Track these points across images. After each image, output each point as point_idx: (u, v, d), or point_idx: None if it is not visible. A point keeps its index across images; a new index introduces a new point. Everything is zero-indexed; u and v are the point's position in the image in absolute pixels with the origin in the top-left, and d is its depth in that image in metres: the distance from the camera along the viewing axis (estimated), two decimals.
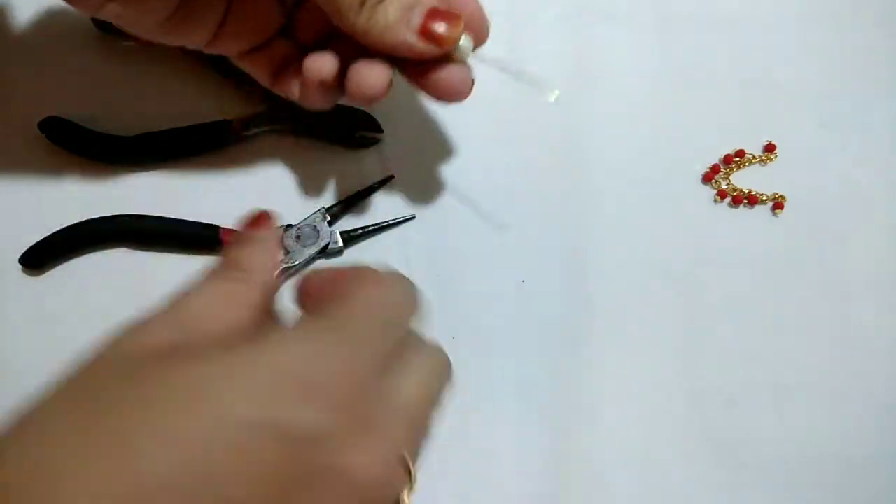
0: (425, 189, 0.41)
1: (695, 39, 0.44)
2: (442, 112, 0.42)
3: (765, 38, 0.44)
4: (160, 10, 0.31)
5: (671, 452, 0.38)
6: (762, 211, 0.41)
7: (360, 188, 0.41)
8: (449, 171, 0.41)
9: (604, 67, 0.44)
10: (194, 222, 0.39)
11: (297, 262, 0.39)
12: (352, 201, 0.41)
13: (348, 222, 0.41)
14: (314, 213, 0.40)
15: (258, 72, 0.35)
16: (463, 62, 0.31)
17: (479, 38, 0.32)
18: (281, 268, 0.39)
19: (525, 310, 0.39)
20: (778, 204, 0.41)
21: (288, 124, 0.40)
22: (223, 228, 0.39)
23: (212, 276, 0.24)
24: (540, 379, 0.38)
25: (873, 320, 0.40)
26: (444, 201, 0.41)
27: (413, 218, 0.41)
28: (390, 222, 0.40)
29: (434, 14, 0.29)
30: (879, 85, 0.43)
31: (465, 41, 0.30)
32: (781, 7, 0.45)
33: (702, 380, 0.39)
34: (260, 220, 0.27)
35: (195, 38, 0.33)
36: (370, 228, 0.40)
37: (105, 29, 0.41)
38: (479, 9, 0.32)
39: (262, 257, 0.25)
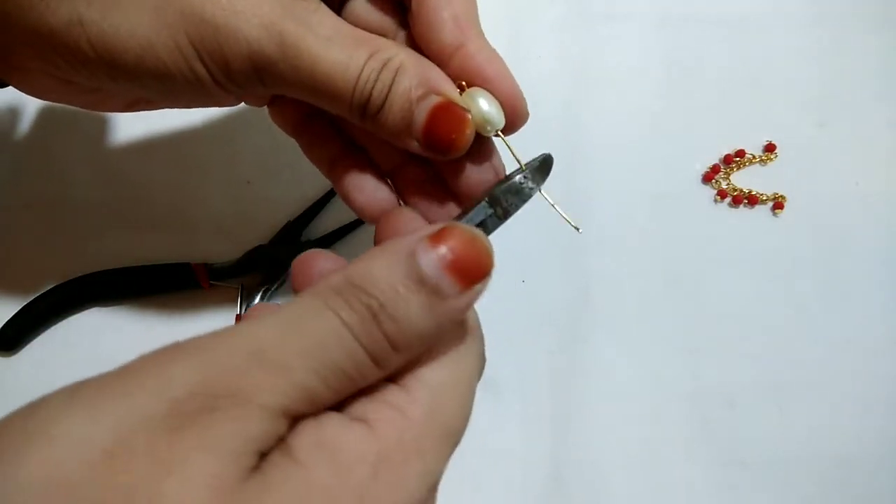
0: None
1: (695, 39, 0.44)
2: None
3: (765, 38, 0.44)
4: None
5: (671, 452, 0.38)
6: (762, 211, 0.41)
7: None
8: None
9: (604, 67, 0.44)
10: (164, 265, 0.39)
11: (275, 281, 0.39)
12: (318, 207, 0.40)
13: (324, 226, 0.41)
14: (282, 228, 0.40)
15: (284, 124, 0.30)
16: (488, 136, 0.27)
17: (514, 120, 0.28)
18: (263, 289, 0.39)
19: (525, 309, 0.39)
20: (778, 204, 0.41)
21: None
22: (194, 265, 0.39)
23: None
24: (540, 379, 0.38)
25: (873, 320, 0.40)
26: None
27: None
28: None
29: (439, 114, 0.25)
30: (879, 85, 0.43)
31: (494, 114, 0.26)
32: (781, 7, 0.45)
33: (702, 380, 0.39)
34: (474, 263, 0.19)
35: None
36: (342, 228, 0.40)
37: None
38: (511, 86, 0.27)
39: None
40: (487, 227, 0.26)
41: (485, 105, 0.26)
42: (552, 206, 0.27)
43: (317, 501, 0.16)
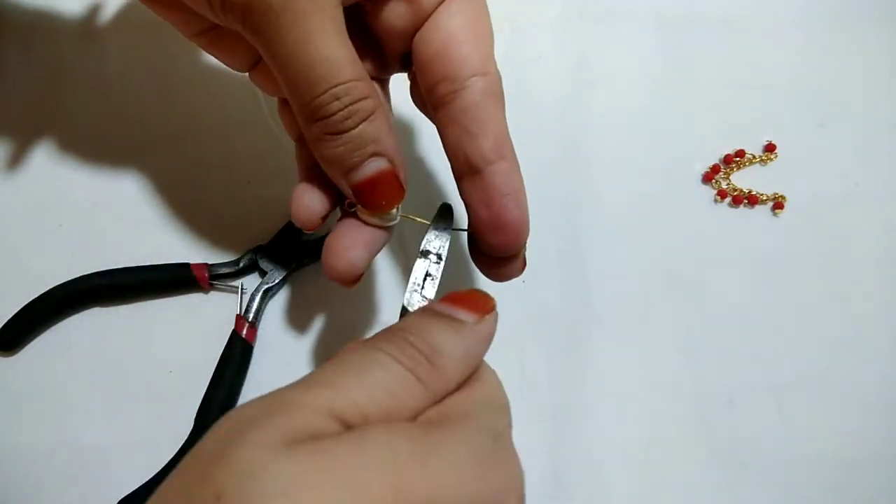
0: (426, 189, 0.41)
1: (695, 39, 0.44)
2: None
3: (765, 38, 0.44)
4: (197, 21, 0.28)
5: (671, 452, 0.38)
6: (762, 211, 0.41)
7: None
8: (447, 171, 0.41)
9: (604, 67, 0.44)
10: (164, 265, 0.39)
11: (276, 281, 0.39)
12: None
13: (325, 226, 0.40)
14: (282, 228, 0.40)
15: (290, 126, 0.31)
16: (380, 225, 0.28)
17: (516, 246, 0.29)
18: (263, 289, 0.39)
19: (525, 310, 0.39)
20: (778, 204, 0.41)
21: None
22: (193, 265, 0.39)
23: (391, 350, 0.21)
24: (540, 379, 0.38)
25: (873, 320, 0.40)
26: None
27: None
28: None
29: (381, 181, 0.26)
30: (879, 85, 0.43)
31: (393, 212, 0.28)
32: (781, 7, 0.45)
33: (702, 380, 0.39)
34: (478, 301, 0.23)
35: (235, 60, 0.30)
36: None
37: None
38: (524, 222, 0.29)
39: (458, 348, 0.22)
40: (432, 274, 0.29)
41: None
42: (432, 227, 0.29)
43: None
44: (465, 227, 0.30)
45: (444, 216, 0.30)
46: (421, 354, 0.21)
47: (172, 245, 0.40)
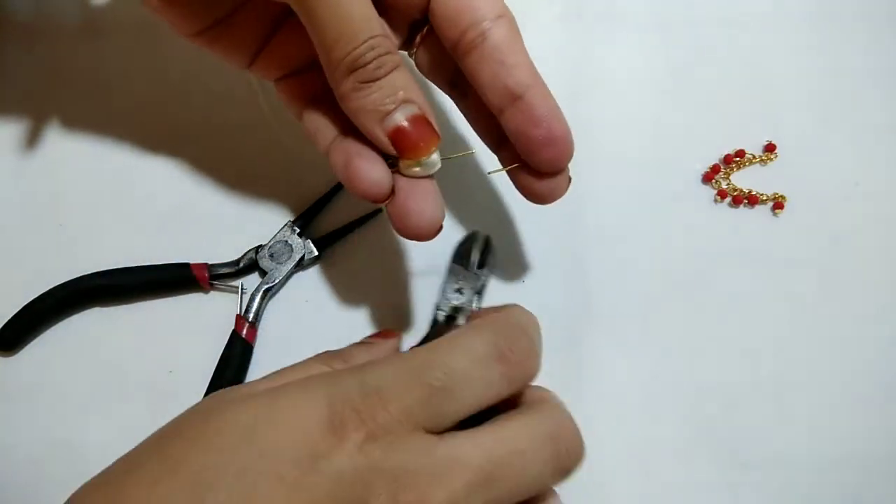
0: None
1: (695, 40, 0.44)
2: (440, 111, 0.42)
3: (765, 38, 0.44)
4: (197, 20, 0.30)
5: (671, 452, 0.38)
6: (762, 211, 0.41)
7: (325, 191, 0.40)
8: (446, 171, 0.41)
9: (604, 67, 0.44)
10: (164, 265, 0.39)
11: (276, 281, 0.39)
12: (318, 207, 0.40)
13: (325, 226, 0.40)
14: (282, 228, 0.40)
15: (292, 101, 0.33)
16: (423, 175, 0.30)
17: (562, 163, 0.32)
18: (263, 289, 0.39)
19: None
20: (778, 204, 0.41)
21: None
22: (193, 265, 0.39)
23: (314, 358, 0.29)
24: (540, 379, 0.38)
25: (873, 320, 0.40)
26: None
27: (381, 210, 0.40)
28: (362, 217, 0.40)
29: (416, 124, 0.28)
30: (880, 85, 0.43)
31: (434, 157, 0.29)
32: (781, 7, 0.45)
33: (701, 380, 0.39)
34: (384, 334, 0.32)
35: (236, 56, 0.32)
36: (343, 228, 0.40)
37: None
38: (567, 138, 0.31)
39: (365, 357, 0.29)
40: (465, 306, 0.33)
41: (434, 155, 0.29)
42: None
43: None
44: (499, 168, 0.33)
45: (478, 249, 0.34)
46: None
47: (172, 245, 0.40)
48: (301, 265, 0.39)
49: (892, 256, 0.41)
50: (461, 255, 0.37)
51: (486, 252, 0.36)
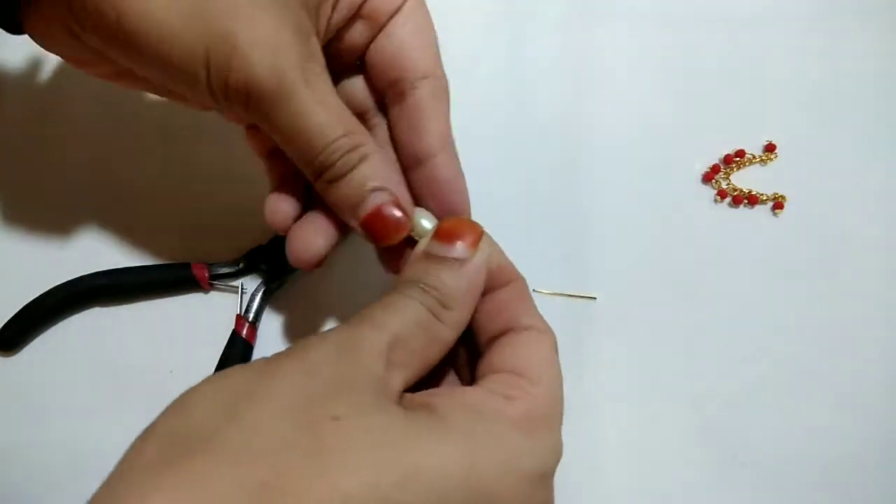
0: None
1: (695, 39, 0.44)
2: None
3: (765, 38, 0.44)
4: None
5: (671, 452, 0.38)
6: (762, 211, 0.41)
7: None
8: None
9: (603, 67, 0.44)
10: (164, 265, 0.39)
11: (275, 281, 0.38)
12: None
13: None
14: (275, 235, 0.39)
15: (256, 146, 0.33)
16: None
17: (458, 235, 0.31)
18: (263, 289, 0.38)
19: None
20: (778, 204, 0.41)
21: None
22: (194, 265, 0.38)
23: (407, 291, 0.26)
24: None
25: (873, 320, 0.40)
26: None
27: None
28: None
29: (384, 213, 0.28)
30: (879, 85, 0.43)
31: (426, 224, 0.30)
32: (781, 7, 0.45)
33: (702, 379, 0.39)
34: (466, 231, 0.28)
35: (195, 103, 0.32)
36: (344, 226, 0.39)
37: None
38: (464, 205, 0.31)
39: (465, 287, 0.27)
40: None
41: (427, 225, 0.30)
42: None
43: (457, 447, 0.21)
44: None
45: None
46: (435, 300, 0.25)
47: (172, 245, 0.40)
48: None
49: (892, 256, 0.41)
50: None
51: None
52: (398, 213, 0.28)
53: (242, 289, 0.39)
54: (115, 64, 0.29)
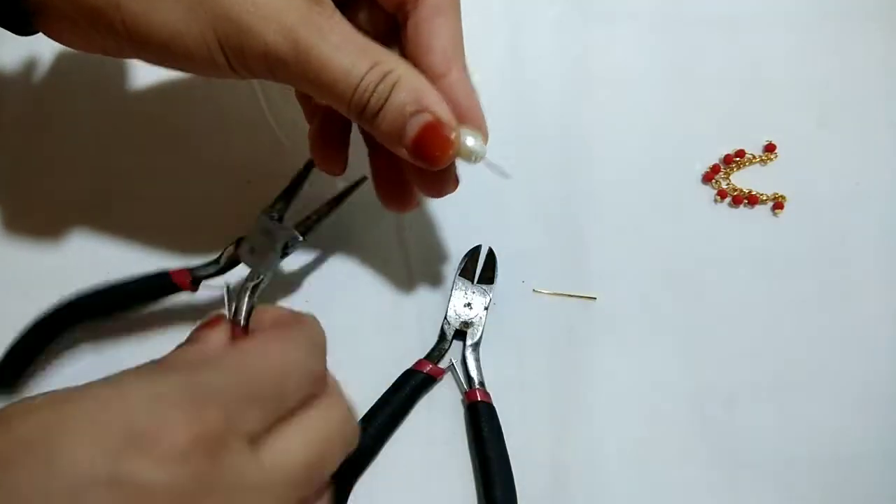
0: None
1: (695, 39, 0.44)
2: None
3: (765, 38, 0.44)
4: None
5: (671, 452, 0.38)
6: (762, 211, 0.41)
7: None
8: None
9: (604, 67, 0.44)
10: (143, 277, 0.37)
11: (264, 274, 0.34)
12: (292, 189, 0.37)
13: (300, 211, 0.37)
14: (258, 218, 0.36)
15: (306, 106, 0.35)
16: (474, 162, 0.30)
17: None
18: (249, 287, 0.36)
19: (525, 309, 0.39)
20: (778, 204, 0.41)
21: None
22: (173, 272, 0.36)
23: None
24: (540, 379, 0.38)
25: (873, 320, 0.40)
26: (442, 203, 0.41)
27: (365, 179, 0.37)
28: (342, 192, 0.37)
29: (426, 135, 0.28)
30: (880, 84, 0.43)
31: (478, 148, 0.29)
32: (781, 6, 0.45)
33: (702, 380, 0.39)
34: (211, 322, 0.28)
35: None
36: (326, 204, 0.37)
37: None
38: (479, 120, 0.31)
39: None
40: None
41: (470, 141, 0.29)
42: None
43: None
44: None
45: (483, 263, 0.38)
46: None
47: (172, 246, 0.40)
48: (287, 251, 0.36)
49: (892, 256, 0.41)
50: (467, 269, 0.39)
51: (491, 265, 0.39)
52: (443, 133, 0.28)
53: (228, 290, 0.37)
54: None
